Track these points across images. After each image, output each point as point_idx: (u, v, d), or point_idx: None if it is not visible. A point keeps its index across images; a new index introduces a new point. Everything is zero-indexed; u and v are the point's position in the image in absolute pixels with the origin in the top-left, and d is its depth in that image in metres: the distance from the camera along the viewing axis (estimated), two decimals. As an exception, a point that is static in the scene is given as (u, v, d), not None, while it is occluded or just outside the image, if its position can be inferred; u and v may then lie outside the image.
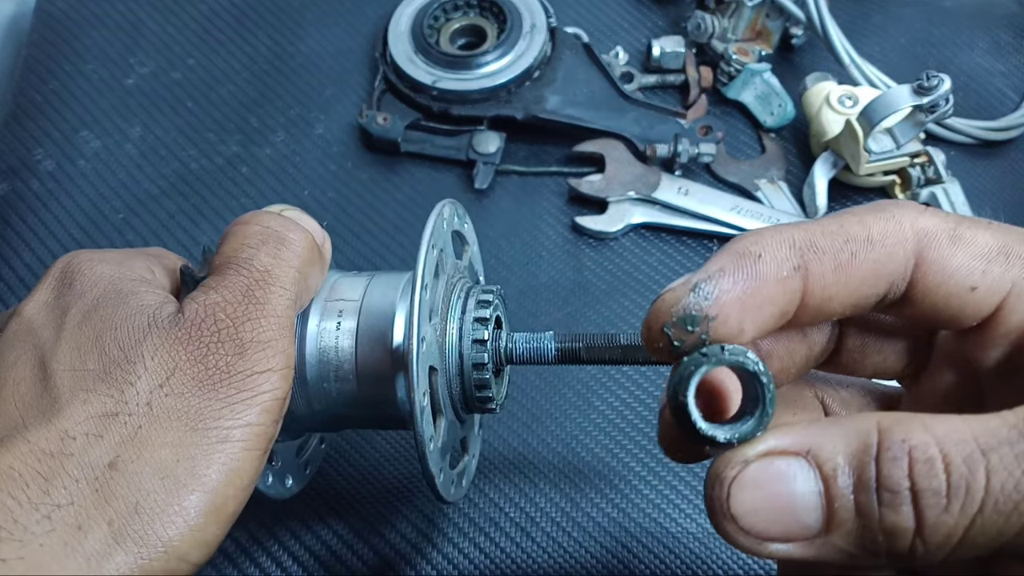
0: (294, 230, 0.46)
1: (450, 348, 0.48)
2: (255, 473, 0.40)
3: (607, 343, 0.48)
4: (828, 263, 0.34)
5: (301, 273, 0.45)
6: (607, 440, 0.67)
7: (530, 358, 0.50)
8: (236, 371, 0.40)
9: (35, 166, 0.80)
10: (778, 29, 0.85)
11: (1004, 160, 0.82)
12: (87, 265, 0.45)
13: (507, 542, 0.63)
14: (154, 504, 0.37)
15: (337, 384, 0.48)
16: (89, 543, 0.36)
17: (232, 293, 0.42)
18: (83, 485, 0.37)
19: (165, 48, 0.88)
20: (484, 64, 0.80)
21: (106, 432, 0.38)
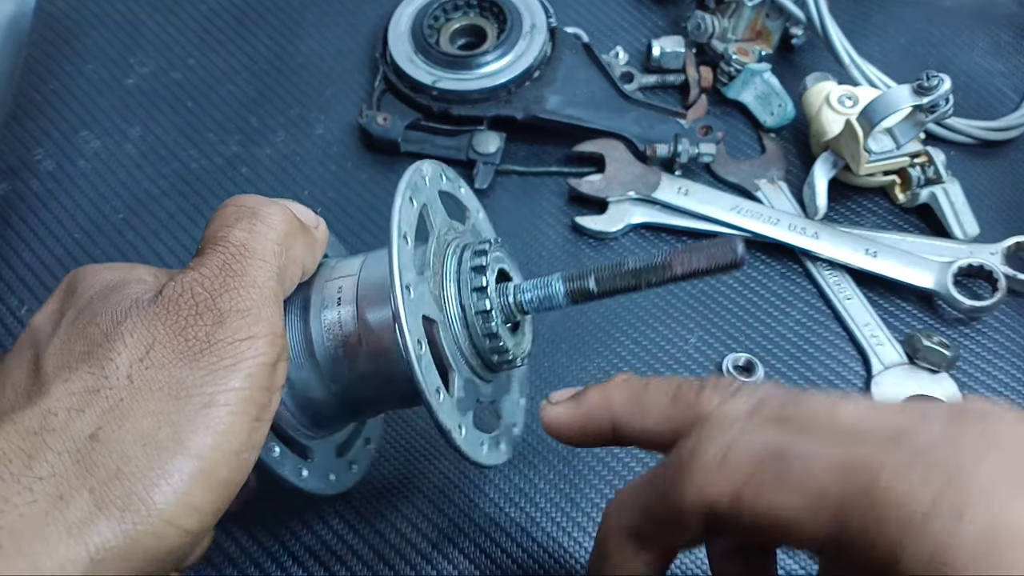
0: (268, 205, 0.46)
1: (448, 300, 0.48)
2: (247, 439, 0.40)
3: (616, 271, 0.48)
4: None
5: (281, 246, 0.45)
6: (607, 440, 0.67)
7: (540, 304, 0.50)
8: (216, 340, 0.41)
9: (35, 166, 0.80)
10: (778, 29, 0.85)
11: (1004, 160, 0.82)
12: (90, 273, 0.46)
13: (507, 541, 0.63)
14: (135, 469, 0.37)
15: (347, 361, 0.48)
16: (71, 511, 0.36)
17: (209, 268, 0.42)
18: (64, 457, 0.37)
19: (165, 48, 0.88)
20: (484, 64, 0.80)
21: (87, 406, 0.38)
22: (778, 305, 0.73)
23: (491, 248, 0.50)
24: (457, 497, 0.64)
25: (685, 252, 0.47)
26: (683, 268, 0.47)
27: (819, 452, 0.38)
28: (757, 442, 0.39)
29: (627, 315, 0.72)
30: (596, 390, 0.49)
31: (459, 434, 0.47)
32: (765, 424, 0.40)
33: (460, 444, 0.47)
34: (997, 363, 0.71)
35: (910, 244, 0.75)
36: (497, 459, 0.52)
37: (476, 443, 0.50)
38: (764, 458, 0.39)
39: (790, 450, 0.38)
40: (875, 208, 0.79)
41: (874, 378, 0.69)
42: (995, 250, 0.75)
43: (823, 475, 0.37)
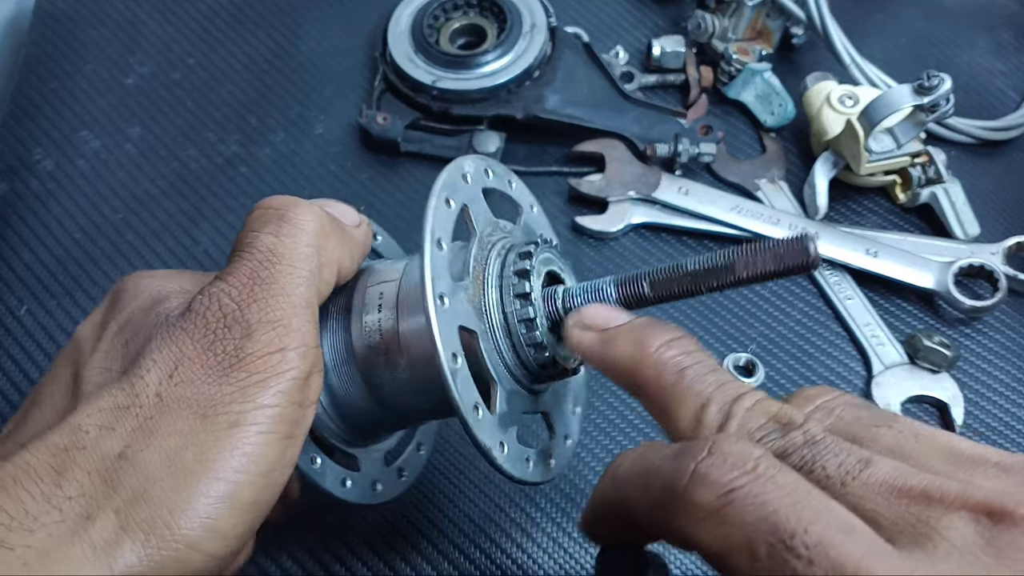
0: (296, 207, 0.44)
1: (489, 307, 0.45)
2: (278, 459, 0.39)
3: (673, 273, 0.44)
4: None
5: (312, 248, 0.43)
6: (607, 440, 0.67)
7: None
8: (245, 354, 0.39)
9: (34, 166, 0.80)
10: (779, 29, 0.85)
11: (1005, 160, 0.82)
12: (133, 282, 0.45)
13: (507, 541, 0.63)
14: (161, 492, 0.36)
15: (388, 369, 0.46)
16: (96, 531, 0.35)
17: (237, 278, 0.41)
18: (93, 476, 0.36)
19: (165, 48, 0.88)
20: (484, 64, 0.80)
21: (118, 424, 0.38)
22: (779, 305, 0.73)
23: (538, 249, 0.46)
24: (457, 497, 0.64)
25: (751, 252, 0.43)
26: (749, 271, 0.43)
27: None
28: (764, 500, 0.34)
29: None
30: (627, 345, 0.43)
31: (500, 452, 0.44)
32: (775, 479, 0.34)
33: (502, 464, 0.44)
34: (998, 363, 0.71)
35: (911, 244, 0.75)
36: (545, 475, 0.48)
37: (520, 460, 0.46)
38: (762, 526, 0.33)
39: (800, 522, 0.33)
40: (876, 208, 0.79)
41: (875, 378, 0.69)
42: (996, 250, 0.75)
43: None
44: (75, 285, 0.74)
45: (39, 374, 0.69)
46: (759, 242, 0.43)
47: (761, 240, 0.43)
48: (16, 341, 0.71)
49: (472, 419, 0.42)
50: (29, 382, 0.69)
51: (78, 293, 0.73)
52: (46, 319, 0.72)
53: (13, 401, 0.68)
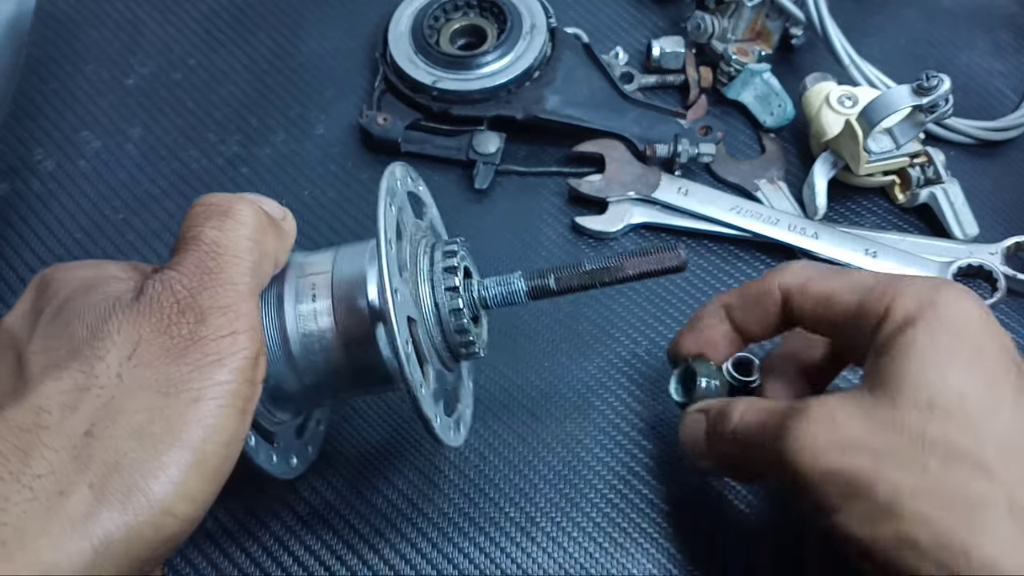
0: (236, 202, 0.47)
1: (424, 299, 0.51)
2: (235, 430, 0.42)
3: (574, 271, 0.54)
4: (739, 314, 0.59)
5: (253, 241, 0.46)
6: (606, 440, 0.67)
7: (504, 300, 0.54)
8: (199, 337, 0.42)
9: (35, 166, 0.80)
10: (778, 29, 0.85)
11: (1004, 160, 0.82)
12: (61, 272, 0.47)
13: (506, 541, 0.63)
14: (133, 463, 0.39)
15: (323, 354, 0.50)
16: (71, 505, 0.37)
17: (186, 267, 0.44)
18: (62, 454, 0.38)
19: (165, 48, 0.88)
20: (484, 64, 0.80)
21: (80, 404, 0.40)
22: (778, 305, 0.73)
23: (459, 248, 0.53)
24: (457, 497, 0.64)
25: (636, 256, 0.54)
26: (634, 270, 0.54)
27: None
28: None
29: (627, 315, 0.72)
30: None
31: (436, 423, 0.51)
32: None
33: (438, 433, 0.51)
34: (997, 363, 0.71)
35: (910, 244, 0.75)
36: (459, 440, 0.56)
37: (447, 429, 0.54)
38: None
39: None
40: (875, 208, 0.79)
41: (874, 378, 0.69)
42: (994, 250, 0.75)
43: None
44: (76, 285, 0.74)
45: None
46: (643, 249, 0.54)
47: (643, 248, 0.55)
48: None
49: (420, 395, 0.48)
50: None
51: (79, 293, 0.73)
52: (47, 319, 0.72)
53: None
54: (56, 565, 0.37)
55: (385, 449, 0.66)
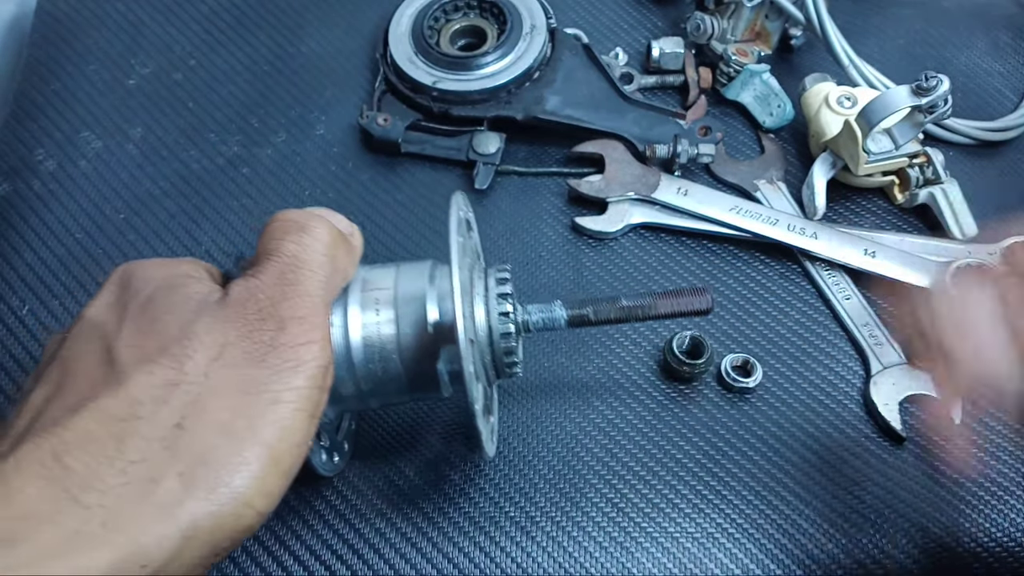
0: (314, 219, 0.50)
1: (479, 321, 0.55)
2: (306, 433, 0.45)
3: (611, 305, 0.58)
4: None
5: (327, 256, 0.49)
6: (606, 440, 0.67)
7: (544, 326, 0.58)
8: (279, 344, 0.45)
9: (36, 166, 0.81)
10: (777, 30, 0.85)
11: (1003, 161, 0.83)
12: (140, 268, 0.50)
13: (507, 541, 0.63)
14: (219, 457, 0.42)
15: (381, 364, 0.53)
16: (161, 492, 0.40)
17: (268, 277, 0.47)
18: (153, 443, 0.41)
19: (166, 49, 0.88)
20: (484, 65, 0.81)
21: (170, 398, 0.42)
22: (777, 305, 0.74)
23: (510, 276, 0.57)
24: (458, 496, 0.64)
25: (668, 297, 0.58)
26: (665, 309, 0.58)
27: None
28: None
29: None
30: None
31: (486, 437, 0.55)
32: None
33: (487, 449, 0.56)
34: (995, 363, 0.71)
35: (908, 244, 0.75)
36: (494, 451, 0.60)
37: (491, 442, 0.57)
38: None
39: None
40: (874, 208, 0.79)
41: (873, 378, 0.69)
42: (993, 250, 0.75)
43: None
44: (77, 285, 0.74)
45: (41, 374, 0.70)
46: (674, 290, 0.59)
47: (675, 290, 0.59)
48: (18, 341, 0.71)
49: (477, 412, 0.53)
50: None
51: (80, 293, 0.74)
52: (48, 319, 0.72)
53: (16, 400, 0.68)
54: (148, 548, 0.39)
55: (385, 449, 0.66)
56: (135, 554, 0.39)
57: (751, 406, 0.69)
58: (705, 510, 0.64)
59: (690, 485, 0.65)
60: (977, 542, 0.64)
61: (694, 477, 0.66)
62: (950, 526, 0.64)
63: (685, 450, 0.67)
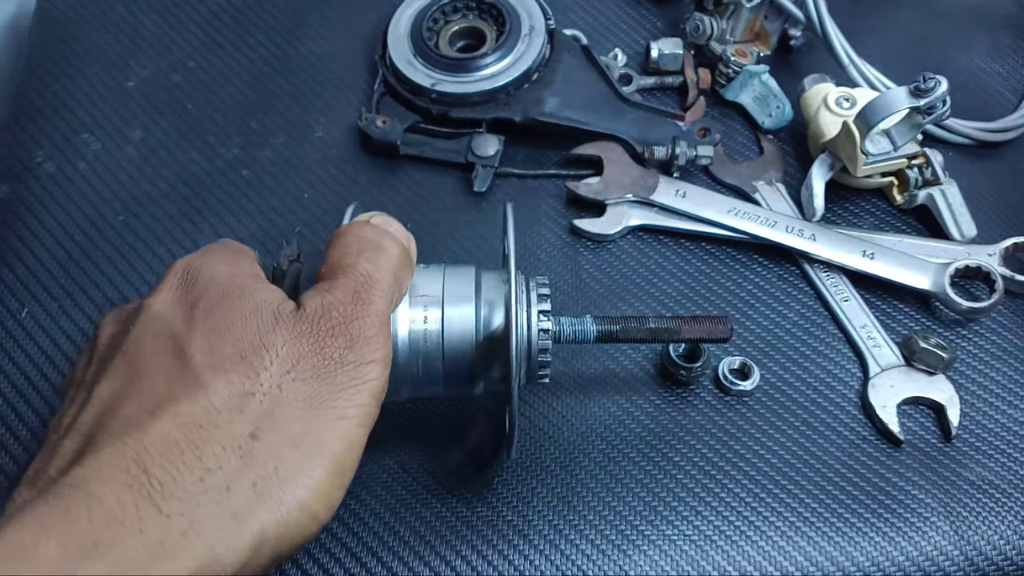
0: (386, 238, 0.53)
1: (521, 332, 0.56)
2: (363, 446, 0.47)
3: (639, 325, 0.60)
4: None
5: (395, 276, 0.52)
6: (603, 444, 0.67)
7: (574, 338, 0.60)
8: (348, 362, 0.46)
9: (36, 168, 0.81)
10: (776, 31, 0.85)
11: (1002, 161, 0.82)
12: (206, 266, 0.50)
13: (504, 544, 0.63)
14: (289, 468, 0.43)
15: (424, 367, 0.56)
16: (235, 501, 0.41)
17: (343, 294, 0.48)
18: (229, 453, 0.42)
19: (165, 51, 0.88)
20: (483, 67, 0.80)
21: (245, 408, 0.44)
22: (775, 307, 0.74)
23: (549, 291, 0.59)
24: (455, 501, 0.65)
25: (692, 322, 0.61)
26: (688, 335, 0.61)
27: None
28: None
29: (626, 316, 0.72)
30: None
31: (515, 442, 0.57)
32: None
33: (514, 448, 0.57)
34: (995, 364, 0.71)
35: (907, 245, 0.75)
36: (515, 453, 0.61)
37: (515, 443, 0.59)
38: None
39: None
40: (873, 209, 0.79)
41: (871, 380, 0.69)
42: (993, 251, 0.75)
43: None
44: (76, 287, 0.74)
45: (40, 377, 0.70)
46: (698, 316, 0.61)
47: (699, 316, 0.62)
48: (17, 344, 0.71)
49: (516, 424, 0.55)
50: (30, 385, 0.69)
51: (79, 295, 0.74)
52: (47, 321, 0.72)
53: (14, 404, 0.69)
54: (223, 557, 0.40)
55: (380, 452, 0.66)
56: (213, 563, 0.40)
57: (749, 409, 0.69)
58: (703, 513, 0.64)
59: (687, 488, 0.65)
60: (975, 547, 0.64)
61: (691, 480, 0.66)
62: (948, 530, 0.64)
63: (682, 453, 0.67)
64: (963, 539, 0.64)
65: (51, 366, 0.70)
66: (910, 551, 0.63)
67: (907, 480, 0.66)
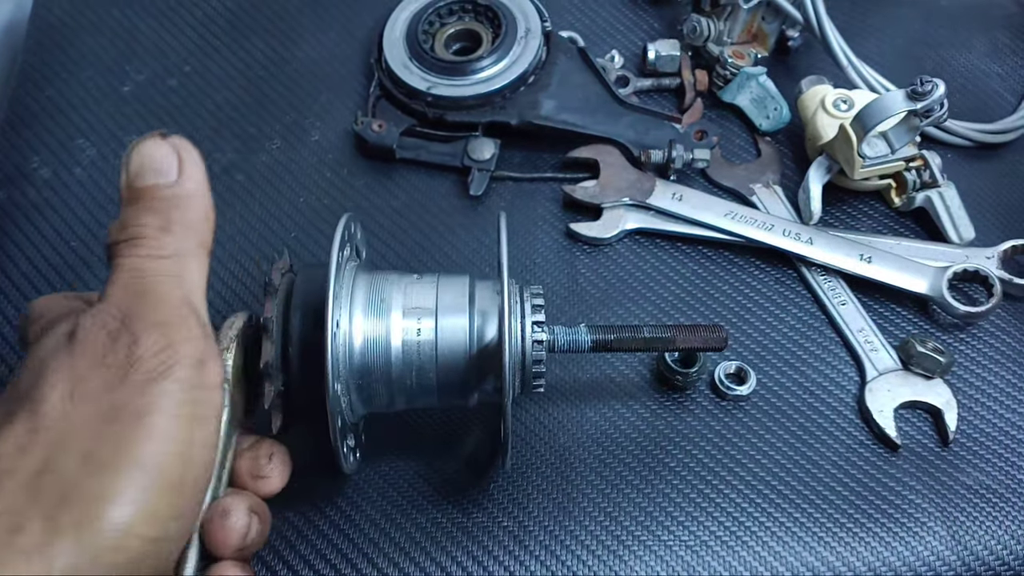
0: (135, 221, 0.48)
1: (515, 342, 0.56)
2: (187, 438, 0.43)
3: (633, 335, 0.60)
4: None
5: (175, 254, 0.47)
6: (599, 449, 0.67)
7: (569, 348, 0.60)
8: (136, 358, 0.43)
9: (31, 174, 0.81)
10: (774, 32, 0.85)
11: (1001, 163, 0.82)
12: (38, 306, 0.50)
13: (499, 549, 0.63)
14: (85, 492, 0.40)
15: (417, 379, 0.56)
16: (25, 539, 0.39)
17: (114, 297, 0.45)
18: (16, 493, 0.40)
19: (161, 55, 0.88)
20: (479, 70, 0.80)
21: (31, 445, 0.41)
22: (772, 311, 0.73)
23: (543, 301, 0.58)
24: (449, 506, 0.64)
25: (687, 331, 0.61)
26: (683, 343, 0.61)
27: None
28: None
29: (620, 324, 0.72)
30: None
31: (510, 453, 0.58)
32: None
33: (509, 453, 0.58)
34: (993, 368, 0.71)
35: (905, 248, 0.75)
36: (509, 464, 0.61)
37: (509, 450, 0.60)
38: None
39: None
40: (871, 212, 0.79)
41: (868, 384, 0.69)
42: (991, 254, 0.74)
43: None
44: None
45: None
46: (692, 325, 0.62)
47: (693, 325, 0.62)
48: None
49: (509, 434, 0.56)
50: (26, 391, 0.69)
51: (75, 302, 0.74)
52: (43, 328, 0.72)
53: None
54: None
55: (376, 458, 0.66)
56: None
57: (745, 414, 0.69)
58: (699, 518, 0.64)
59: (683, 493, 0.65)
60: (972, 551, 0.63)
61: (687, 485, 0.65)
62: (945, 535, 0.64)
63: (678, 458, 0.67)
64: (960, 543, 0.64)
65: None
66: (907, 556, 0.63)
67: (904, 484, 0.66)
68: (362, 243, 0.64)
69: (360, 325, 0.55)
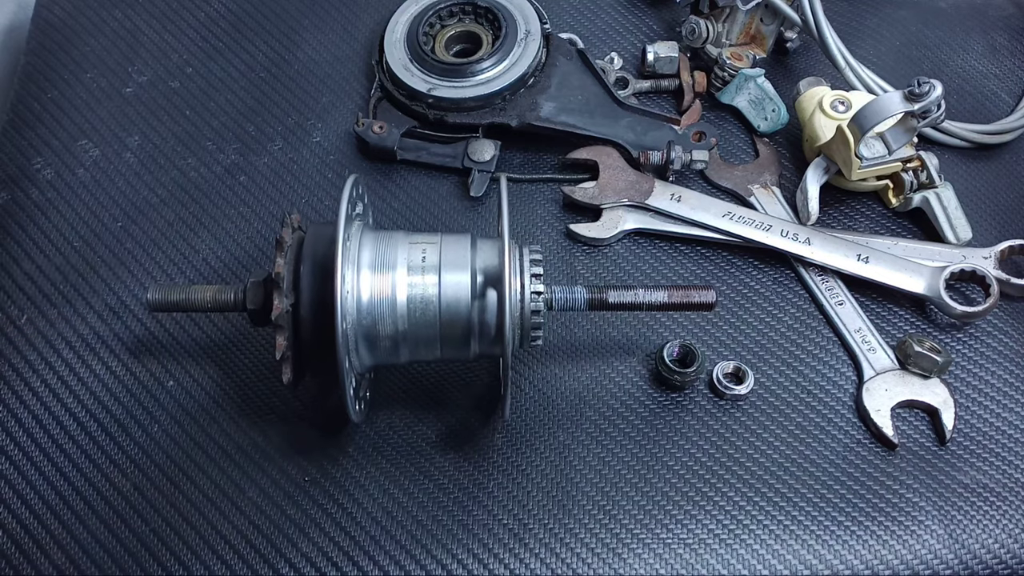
0: None
1: (514, 295, 0.59)
2: None
3: (626, 292, 0.64)
4: None
5: None
6: (598, 448, 0.67)
7: (566, 305, 0.64)
8: None
9: (34, 175, 0.81)
10: (772, 33, 0.85)
11: (998, 164, 0.83)
12: None
13: (499, 546, 0.63)
14: None
15: (422, 321, 0.60)
16: None
17: None
18: None
19: (163, 57, 0.89)
20: (479, 72, 0.81)
21: None
22: (770, 311, 0.74)
23: (541, 255, 0.62)
24: (450, 503, 0.65)
25: (677, 289, 0.65)
26: (675, 300, 0.65)
27: None
28: None
29: (620, 323, 0.73)
30: None
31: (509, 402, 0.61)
32: None
33: (508, 404, 0.62)
34: (990, 368, 0.71)
35: (902, 249, 0.75)
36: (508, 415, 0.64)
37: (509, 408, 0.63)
38: None
39: None
40: (868, 212, 0.79)
41: (865, 384, 0.69)
42: (988, 254, 0.75)
43: None
44: (75, 294, 0.75)
45: (39, 383, 0.70)
46: (684, 284, 0.68)
47: (684, 284, 0.69)
48: (17, 350, 0.72)
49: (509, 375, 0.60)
50: (30, 391, 0.70)
51: (78, 302, 0.74)
52: (47, 328, 0.73)
53: (14, 410, 0.69)
54: None
55: (375, 455, 0.67)
56: None
57: (743, 413, 0.69)
58: (697, 516, 0.65)
59: (682, 492, 0.66)
60: (969, 550, 0.64)
61: (686, 484, 0.66)
62: (942, 533, 0.64)
63: (677, 457, 0.67)
64: (957, 542, 0.64)
65: (51, 372, 0.71)
66: (904, 554, 0.64)
67: (901, 483, 0.66)
68: (368, 206, 0.68)
69: (367, 278, 0.59)
